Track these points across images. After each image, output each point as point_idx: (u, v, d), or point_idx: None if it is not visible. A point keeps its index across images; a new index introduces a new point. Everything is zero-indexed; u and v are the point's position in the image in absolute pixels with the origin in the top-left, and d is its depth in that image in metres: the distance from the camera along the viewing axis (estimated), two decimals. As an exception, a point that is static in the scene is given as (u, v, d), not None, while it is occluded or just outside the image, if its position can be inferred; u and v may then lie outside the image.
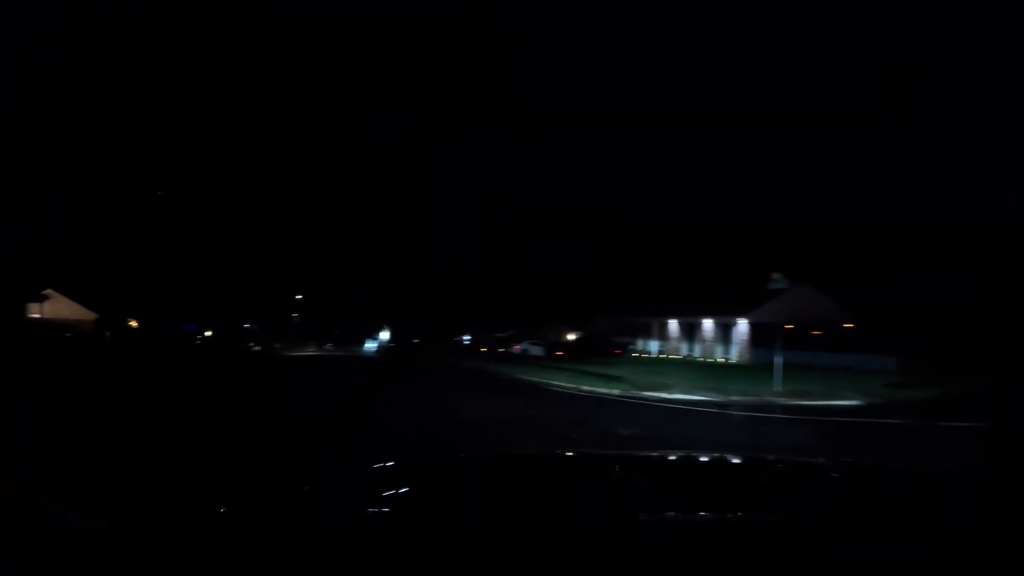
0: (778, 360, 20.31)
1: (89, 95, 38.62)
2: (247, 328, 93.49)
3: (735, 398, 17.56)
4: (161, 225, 57.05)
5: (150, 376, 21.96)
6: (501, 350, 59.72)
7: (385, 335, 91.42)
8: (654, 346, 48.30)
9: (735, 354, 38.79)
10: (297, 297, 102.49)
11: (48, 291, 47.88)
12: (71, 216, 45.04)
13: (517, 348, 54.73)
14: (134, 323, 44.08)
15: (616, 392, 18.46)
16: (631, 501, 2.00)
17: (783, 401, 17.06)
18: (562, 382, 20.59)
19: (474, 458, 2.95)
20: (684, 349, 44.28)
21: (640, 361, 38.17)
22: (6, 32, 33.78)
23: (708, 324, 42.40)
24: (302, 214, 54.93)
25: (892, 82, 75.73)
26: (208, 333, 72.00)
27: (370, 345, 73.94)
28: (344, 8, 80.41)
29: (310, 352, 65.80)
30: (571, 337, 60.40)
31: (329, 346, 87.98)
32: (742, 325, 38.69)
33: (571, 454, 3.76)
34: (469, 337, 77.30)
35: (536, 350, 50.90)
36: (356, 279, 59.74)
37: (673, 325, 46.29)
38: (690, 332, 44.20)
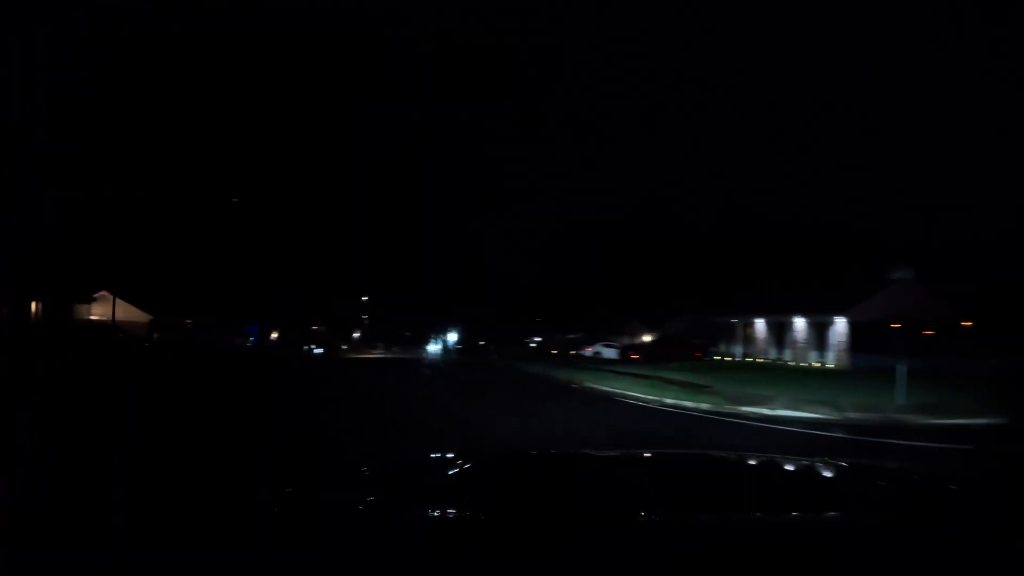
0: (901, 368, 17.08)
1: (89, 95, 38.70)
2: (315, 330, 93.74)
3: (853, 415, 14.45)
4: (218, 226, 56.64)
5: (175, 377, 20.46)
6: (572, 352, 57.24)
7: (453, 337, 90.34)
8: (737, 349, 44.80)
9: (831, 358, 35.04)
10: (363, 299, 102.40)
11: (102, 292, 47.90)
12: (111, 216, 45.69)
13: (588, 350, 51.90)
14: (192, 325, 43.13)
15: (705, 407, 15.58)
16: (632, 501, 2.02)
17: (914, 420, 13.89)
18: (640, 393, 17.78)
19: (475, 458, 2.79)
20: (772, 352, 40.65)
21: (724, 366, 34.86)
22: (6, 32, 33.66)
23: (800, 324, 38.66)
24: (301, 214, 54.32)
25: (892, 82, 76.22)
26: (274, 335, 71.41)
27: (433, 347, 72.73)
28: (344, 8, 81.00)
29: (374, 355, 64.44)
30: (646, 339, 57.27)
31: (396, 348, 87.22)
32: (839, 325, 34.93)
33: (572, 453, 3.59)
34: (539, 338, 75.27)
35: (609, 353, 47.99)
36: (356, 279, 58.81)
37: (760, 325, 42.68)
38: (779, 333, 40.50)
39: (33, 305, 37.92)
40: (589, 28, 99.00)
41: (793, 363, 37.28)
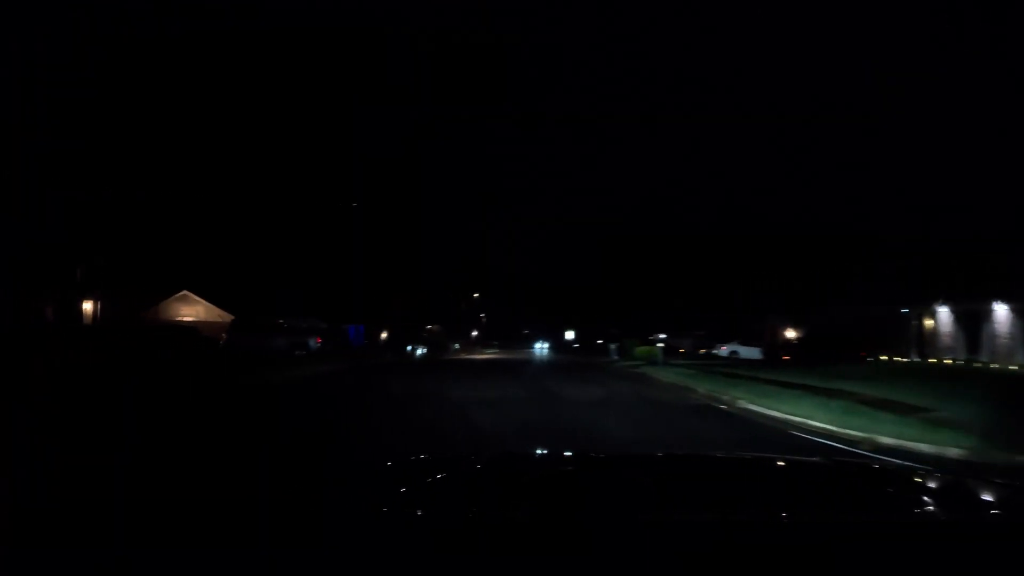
0: None
1: (89, 95, 37.45)
2: (430, 329, 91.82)
3: None
4: (315, 227, 55.08)
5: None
6: (702, 351, 50.76)
7: (570, 334, 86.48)
8: (910, 347, 36.98)
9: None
10: (475, 295, 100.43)
11: (184, 292, 46.56)
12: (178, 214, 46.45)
13: (724, 349, 45.19)
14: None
15: (955, 453, 9.46)
16: (633, 502, 2.01)
17: None
18: (831, 424, 11.68)
19: (476, 458, 2.77)
20: (961, 351, 32.74)
21: (910, 372, 27.57)
22: (6, 32, 33.30)
23: (1001, 312, 30.61)
24: (300, 214, 53.26)
25: (892, 82, 77.78)
26: (384, 335, 68.48)
27: (540, 345, 72.12)
28: (344, 8, 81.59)
29: (482, 355, 60.20)
30: (791, 335, 49.87)
31: (515, 347, 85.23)
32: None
33: (579, 454, 3.46)
34: (664, 335, 69.55)
35: (748, 352, 41.18)
36: (356, 279, 56.61)
37: (943, 316, 34.68)
38: (971, 326, 32.45)
39: (89, 305, 36.45)
40: (589, 28, 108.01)
41: (995, 366, 29.51)
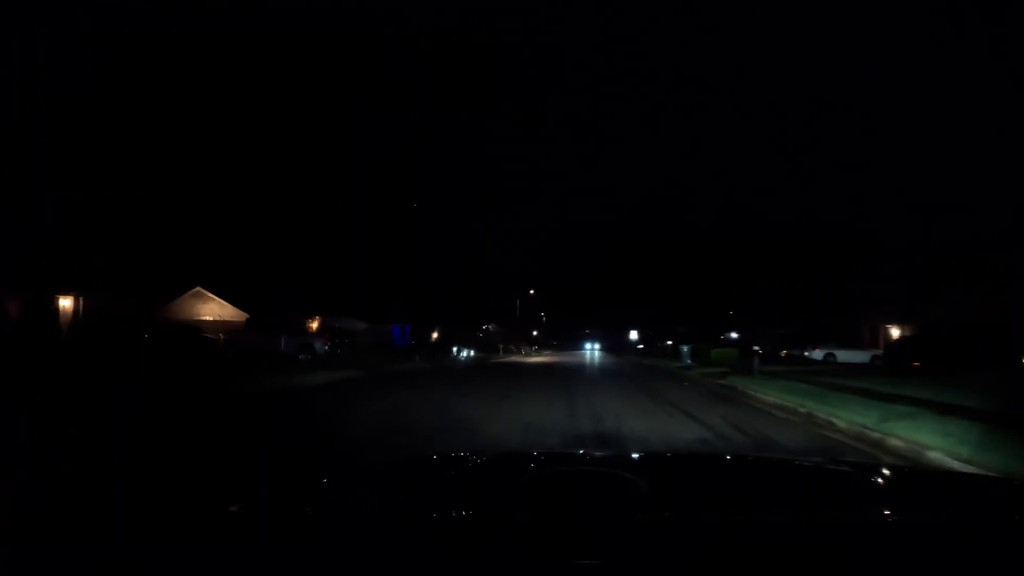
0: None
1: (89, 95, 37.47)
2: (485, 329, 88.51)
3: None
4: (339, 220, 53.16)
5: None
6: (783, 353, 44.22)
7: (633, 335, 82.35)
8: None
9: None
10: (531, 292, 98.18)
11: (197, 289, 45.54)
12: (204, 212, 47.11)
13: (817, 352, 38.63)
14: (313, 326, 36.15)
15: None
16: (634, 502, 1.94)
17: None
18: None
19: (476, 458, 2.74)
20: None
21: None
22: (6, 32, 33.37)
23: None
24: (301, 213, 51.92)
25: (892, 82, 78.06)
26: (435, 336, 64.89)
27: (592, 346, 70.57)
28: (344, 8, 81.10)
29: (535, 359, 55.26)
30: (895, 333, 42.83)
31: (578, 348, 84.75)
32: None
33: (581, 454, 3.57)
34: (736, 335, 63.95)
35: (851, 356, 34.72)
36: (356, 279, 55.62)
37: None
38: None
39: (69, 301, 33.84)
40: (589, 28, 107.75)
41: None
